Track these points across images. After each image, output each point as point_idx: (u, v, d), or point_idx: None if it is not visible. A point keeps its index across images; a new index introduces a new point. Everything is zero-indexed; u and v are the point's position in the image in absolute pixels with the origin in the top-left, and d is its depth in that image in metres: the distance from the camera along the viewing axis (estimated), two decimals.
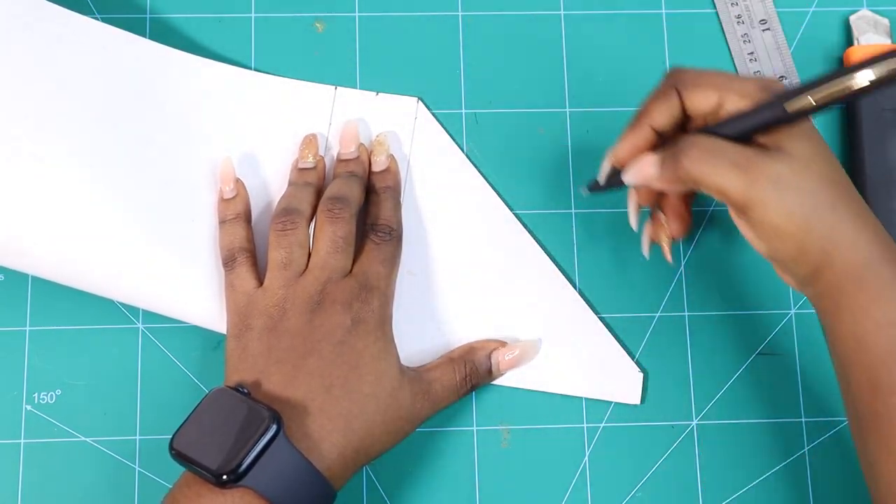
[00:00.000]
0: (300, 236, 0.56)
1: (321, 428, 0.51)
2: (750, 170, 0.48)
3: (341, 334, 0.53)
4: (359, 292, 0.54)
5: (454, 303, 0.60)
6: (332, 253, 0.55)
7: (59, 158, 0.55)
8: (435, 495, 0.58)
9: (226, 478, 0.47)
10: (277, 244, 0.56)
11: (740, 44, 0.64)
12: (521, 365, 0.59)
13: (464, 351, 0.58)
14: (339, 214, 0.56)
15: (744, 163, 0.48)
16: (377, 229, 0.57)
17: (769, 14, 0.65)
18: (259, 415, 0.49)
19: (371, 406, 0.52)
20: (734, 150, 0.49)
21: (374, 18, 0.64)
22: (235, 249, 0.57)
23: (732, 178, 0.48)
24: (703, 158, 0.49)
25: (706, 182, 0.49)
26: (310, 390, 0.51)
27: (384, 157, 0.60)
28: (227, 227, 0.58)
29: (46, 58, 0.56)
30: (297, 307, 0.54)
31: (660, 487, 0.59)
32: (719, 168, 0.48)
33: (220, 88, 0.62)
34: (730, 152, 0.49)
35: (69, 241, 0.54)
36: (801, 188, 0.48)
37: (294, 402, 0.51)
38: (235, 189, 0.58)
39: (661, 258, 0.61)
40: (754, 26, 0.64)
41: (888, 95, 0.63)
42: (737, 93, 0.50)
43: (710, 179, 0.49)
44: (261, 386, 0.52)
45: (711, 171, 0.49)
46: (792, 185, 0.48)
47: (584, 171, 0.62)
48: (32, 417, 0.58)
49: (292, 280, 0.55)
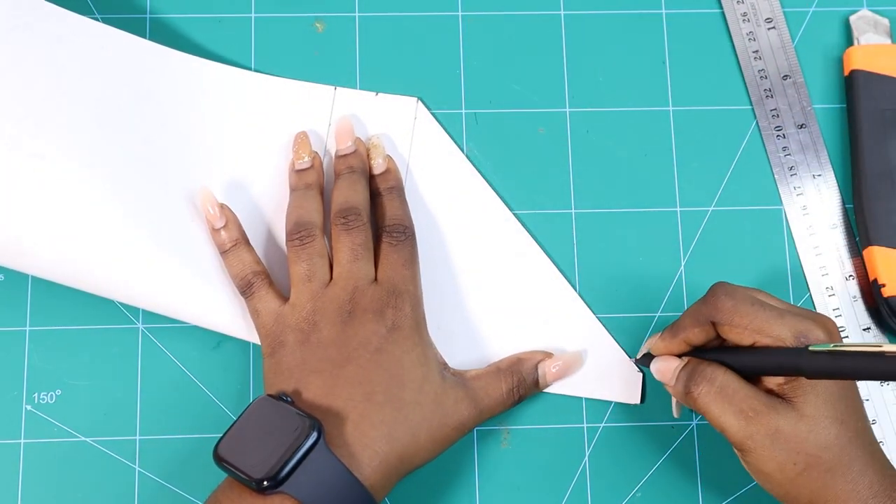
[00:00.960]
0: (318, 247, 0.56)
1: (363, 436, 0.51)
2: (753, 420, 0.49)
3: (377, 342, 0.53)
4: (388, 299, 0.54)
5: (454, 303, 0.60)
6: (354, 261, 0.55)
7: (60, 158, 0.55)
8: (435, 495, 0.58)
9: (266, 484, 0.48)
10: (297, 258, 0.56)
11: (745, 42, 0.64)
12: (567, 376, 0.59)
13: (511, 362, 0.58)
14: (353, 224, 0.56)
15: (749, 413, 0.49)
16: (391, 230, 0.57)
17: (775, 13, 0.65)
18: (300, 422, 0.49)
19: (415, 413, 0.52)
20: (743, 395, 0.50)
21: (374, 18, 0.64)
22: (248, 275, 0.56)
23: (734, 423, 0.49)
24: (712, 397, 0.50)
25: (709, 417, 0.50)
26: (350, 398, 0.52)
27: (381, 160, 0.60)
28: (231, 255, 0.57)
29: (46, 58, 0.56)
30: (327, 318, 0.54)
31: (660, 487, 0.58)
32: (725, 412, 0.50)
33: (219, 89, 0.62)
34: (738, 398, 0.50)
35: (69, 241, 0.54)
36: (798, 448, 0.49)
37: (335, 410, 0.51)
38: (223, 216, 0.58)
39: (661, 258, 0.61)
40: (760, 24, 0.64)
41: (888, 95, 0.63)
42: (772, 340, 0.49)
43: (714, 416, 0.50)
44: (301, 395, 0.52)
45: (717, 411, 0.50)
46: (790, 443, 0.49)
47: (585, 171, 0.62)
48: (32, 417, 0.58)
49: (319, 292, 0.55)
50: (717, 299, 0.51)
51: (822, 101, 0.64)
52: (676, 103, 0.64)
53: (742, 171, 0.63)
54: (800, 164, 0.63)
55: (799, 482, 0.49)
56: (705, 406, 0.50)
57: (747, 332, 0.50)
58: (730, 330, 0.50)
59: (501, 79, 0.64)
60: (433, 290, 0.59)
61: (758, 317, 0.50)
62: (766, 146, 0.63)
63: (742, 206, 0.62)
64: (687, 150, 0.63)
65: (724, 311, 0.51)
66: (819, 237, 0.62)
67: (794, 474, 0.49)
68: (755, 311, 0.50)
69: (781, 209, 0.63)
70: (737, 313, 0.50)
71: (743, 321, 0.50)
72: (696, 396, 0.51)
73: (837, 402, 0.49)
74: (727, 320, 0.50)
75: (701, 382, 0.51)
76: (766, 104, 0.63)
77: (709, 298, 0.52)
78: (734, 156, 0.63)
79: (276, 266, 0.59)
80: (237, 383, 0.59)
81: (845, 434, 0.49)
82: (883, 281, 0.60)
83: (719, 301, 0.51)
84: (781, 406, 0.49)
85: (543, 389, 0.59)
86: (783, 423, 0.49)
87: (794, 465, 0.49)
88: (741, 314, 0.50)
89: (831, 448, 0.49)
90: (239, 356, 0.59)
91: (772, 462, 0.49)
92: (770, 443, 0.49)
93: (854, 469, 0.49)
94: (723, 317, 0.51)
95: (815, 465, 0.48)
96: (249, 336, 0.57)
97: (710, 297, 0.52)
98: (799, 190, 0.63)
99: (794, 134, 0.63)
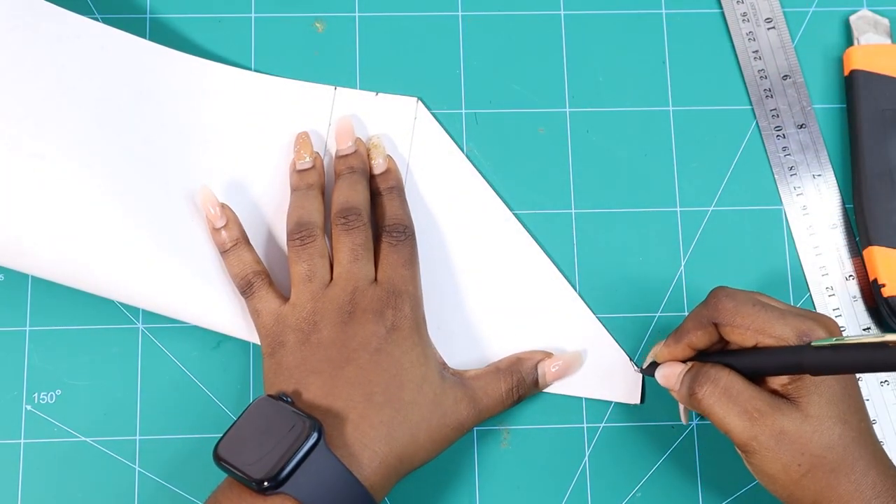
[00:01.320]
0: (319, 247, 0.56)
1: (363, 436, 0.51)
2: (758, 422, 0.49)
3: (377, 343, 0.53)
4: (388, 299, 0.55)
5: (454, 303, 0.60)
6: (354, 261, 0.55)
7: (60, 158, 0.55)
8: (435, 495, 0.58)
9: (266, 485, 0.48)
10: (298, 258, 0.56)
11: (745, 41, 0.64)
12: (567, 376, 0.59)
13: (511, 362, 0.58)
14: (353, 224, 0.56)
15: (754, 413, 0.49)
16: (391, 230, 0.57)
17: (775, 12, 0.64)
18: (300, 423, 0.49)
19: (414, 413, 0.52)
20: (748, 396, 0.50)
21: (374, 18, 0.64)
22: (249, 275, 0.56)
23: (738, 424, 0.49)
24: (716, 397, 0.50)
25: (713, 418, 0.50)
26: (350, 399, 0.52)
27: (382, 160, 0.60)
28: (231, 255, 0.57)
29: (46, 58, 0.56)
30: (328, 318, 0.54)
31: (660, 487, 0.58)
32: (729, 413, 0.50)
33: (219, 89, 0.62)
34: (743, 399, 0.50)
35: (69, 241, 0.54)
36: (802, 449, 0.49)
37: (335, 410, 0.51)
38: (224, 216, 0.58)
39: (661, 258, 0.61)
40: (759, 24, 0.64)
41: (888, 95, 0.63)
42: (775, 340, 0.49)
43: (718, 418, 0.50)
44: (301, 396, 0.52)
45: (721, 412, 0.50)
46: (795, 443, 0.49)
47: (585, 171, 0.62)
48: (32, 417, 0.58)
49: (319, 292, 0.55)
50: (718, 301, 0.51)
51: (822, 101, 0.64)
52: (676, 103, 0.64)
53: (742, 171, 0.63)
54: (800, 164, 0.63)
55: (803, 483, 0.49)
56: (709, 407, 0.50)
57: (749, 333, 0.50)
58: (732, 331, 0.50)
59: (501, 79, 0.64)
60: (433, 290, 0.59)
61: (759, 317, 0.50)
62: (766, 146, 0.63)
63: (742, 206, 0.62)
64: (687, 150, 0.63)
65: (725, 312, 0.51)
66: (819, 237, 0.62)
67: (799, 475, 0.49)
68: (757, 311, 0.50)
69: (781, 209, 0.63)
70: (738, 314, 0.50)
71: (745, 322, 0.50)
72: (700, 398, 0.51)
73: (840, 402, 0.49)
74: (729, 321, 0.50)
75: (705, 384, 0.51)
76: (765, 104, 0.63)
77: (710, 301, 0.52)
78: (734, 156, 0.63)
79: (276, 266, 0.59)
80: (237, 383, 0.59)
81: (849, 434, 0.49)
82: (883, 281, 0.60)
83: (720, 303, 0.51)
84: (786, 406, 0.49)
85: (543, 389, 0.59)
86: (788, 423, 0.49)
87: (798, 467, 0.49)
88: (743, 315, 0.50)
89: (835, 448, 0.49)
90: (239, 356, 0.59)
91: (776, 463, 0.49)
92: (775, 443, 0.49)
93: (857, 469, 0.49)
94: (725, 318, 0.51)
95: (819, 465, 0.49)
96: (249, 336, 0.57)
97: (712, 299, 0.52)
98: (799, 190, 0.63)
99: (794, 134, 0.63)
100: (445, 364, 0.57)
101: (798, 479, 0.49)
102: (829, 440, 0.49)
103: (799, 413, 0.49)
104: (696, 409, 0.51)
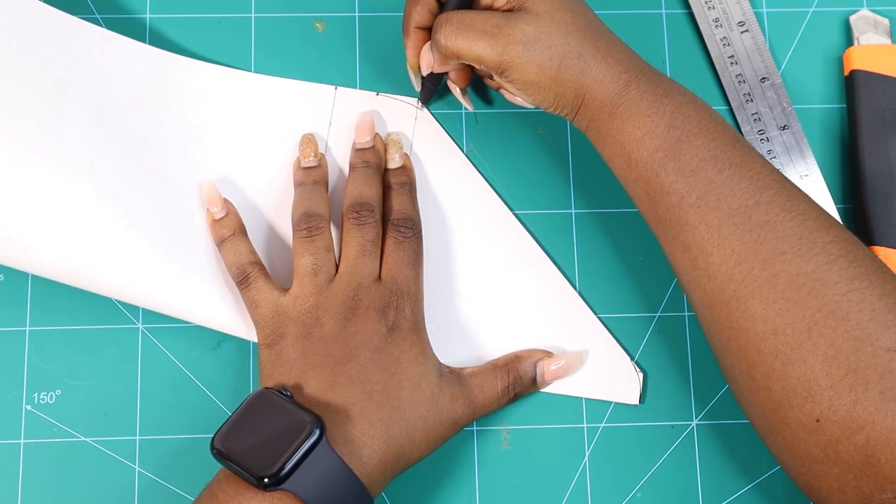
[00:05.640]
0: (325, 240, 0.56)
1: (362, 434, 0.51)
2: (499, 36, 0.53)
3: (378, 341, 0.53)
4: (390, 299, 0.55)
5: (454, 302, 0.60)
6: (361, 257, 0.56)
7: (60, 159, 0.55)
8: (435, 495, 0.58)
9: (267, 481, 0.47)
10: (304, 250, 0.56)
11: (720, 47, 0.64)
12: (566, 376, 0.59)
13: (509, 359, 0.58)
14: (365, 220, 0.57)
15: (493, 30, 0.53)
16: (398, 224, 0.58)
17: (746, 15, 0.64)
18: (302, 419, 0.49)
19: (411, 412, 0.52)
20: (483, 19, 0.53)
21: (374, 18, 0.64)
22: (245, 265, 0.57)
23: (485, 46, 0.53)
24: (456, 32, 0.54)
25: (463, 54, 0.54)
26: (350, 396, 0.52)
27: (398, 156, 0.60)
28: (227, 245, 0.57)
29: (47, 61, 0.56)
30: (330, 314, 0.54)
31: (660, 487, 0.58)
32: (472, 39, 0.53)
33: (219, 89, 0.62)
34: (479, 22, 0.53)
35: (69, 242, 0.54)
36: (548, 43, 0.53)
37: (335, 407, 0.51)
38: (225, 207, 0.58)
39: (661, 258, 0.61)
40: (732, 28, 0.64)
41: (888, 95, 0.63)
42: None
43: (466, 51, 0.54)
44: (301, 390, 0.52)
45: (466, 43, 0.54)
46: (539, 42, 0.52)
47: (585, 171, 0.62)
48: (32, 417, 0.58)
49: (323, 287, 0.55)
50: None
51: (821, 101, 0.64)
52: None
53: None
54: (786, 166, 0.62)
55: (561, 77, 0.53)
56: (455, 45, 0.54)
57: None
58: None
59: None
60: (434, 289, 0.59)
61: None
62: None
63: None
64: None
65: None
66: None
67: (554, 70, 0.53)
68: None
69: None
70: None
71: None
72: (445, 43, 0.54)
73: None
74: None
75: (441, 27, 0.54)
76: (746, 108, 0.63)
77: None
78: None
79: (275, 266, 0.59)
80: (237, 383, 0.59)
81: (580, 20, 0.53)
82: None
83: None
84: (518, 14, 0.53)
85: (542, 388, 0.59)
86: (525, 26, 0.53)
87: (550, 61, 0.53)
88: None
89: (573, 33, 0.53)
90: (238, 356, 0.59)
91: (531, 66, 0.53)
92: (522, 48, 0.52)
93: (601, 48, 0.53)
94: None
95: (567, 53, 0.53)
96: (249, 335, 0.57)
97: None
98: None
99: (777, 136, 0.63)
100: (443, 367, 0.57)
101: (555, 74, 0.53)
102: (565, 28, 0.53)
103: (531, 15, 0.53)
104: (448, 55, 0.54)
